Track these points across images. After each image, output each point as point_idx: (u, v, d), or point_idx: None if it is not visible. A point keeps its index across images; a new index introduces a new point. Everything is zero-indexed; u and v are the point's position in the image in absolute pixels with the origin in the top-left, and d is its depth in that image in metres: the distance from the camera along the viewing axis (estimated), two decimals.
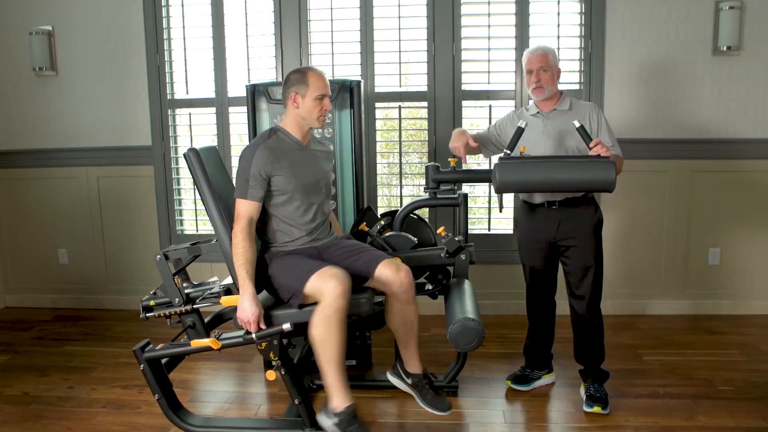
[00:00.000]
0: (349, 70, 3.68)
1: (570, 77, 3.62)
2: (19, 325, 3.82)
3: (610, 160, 2.28)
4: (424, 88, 3.67)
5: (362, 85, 3.02)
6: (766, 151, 3.57)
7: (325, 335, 2.10)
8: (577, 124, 2.34)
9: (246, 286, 2.12)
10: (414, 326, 2.35)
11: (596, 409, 2.52)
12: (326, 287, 2.08)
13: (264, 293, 2.29)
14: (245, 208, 2.19)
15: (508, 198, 3.65)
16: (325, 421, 2.17)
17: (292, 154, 2.28)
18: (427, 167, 2.68)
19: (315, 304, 2.12)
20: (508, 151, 2.43)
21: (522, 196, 2.69)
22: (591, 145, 2.32)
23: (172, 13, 3.78)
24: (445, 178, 2.68)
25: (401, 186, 3.75)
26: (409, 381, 2.36)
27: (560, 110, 2.54)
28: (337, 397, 2.15)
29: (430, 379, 2.44)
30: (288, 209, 2.28)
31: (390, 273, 2.24)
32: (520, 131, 2.44)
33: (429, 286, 2.70)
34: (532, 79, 2.52)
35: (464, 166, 2.82)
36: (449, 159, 2.70)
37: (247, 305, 2.11)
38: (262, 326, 2.13)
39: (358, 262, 2.28)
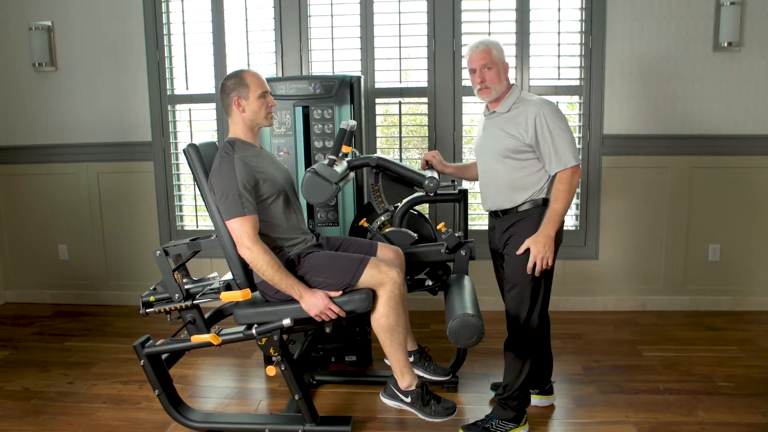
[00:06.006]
0: (350, 65, 3.67)
1: (570, 73, 3.62)
2: (19, 321, 3.82)
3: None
4: (425, 84, 3.67)
5: (362, 80, 3.01)
6: (766, 148, 3.56)
7: (394, 322, 2.17)
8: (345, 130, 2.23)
9: (298, 286, 2.12)
10: (407, 308, 2.36)
11: None
12: (387, 277, 2.14)
13: (256, 294, 2.29)
14: (248, 224, 2.10)
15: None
16: (393, 401, 2.28)
17: (259, 158, 2.24)
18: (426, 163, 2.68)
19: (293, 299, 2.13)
20: (333, 157, 2.32)
21: None
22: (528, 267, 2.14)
23: (171, 8, 3.77)
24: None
25: None
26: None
27: (499, 112, 2.30)
28: (409, 376, 2.25)
29: (425, 351, 2.53)
30: (277, 212, 2.24)
31: (390, 253, 2.35)
32: (342, 133, 2.38)
33: (429, 282, 2.70)
34: (476, 80, 2.28)
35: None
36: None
37: (313, 300, 2.11)
38: (335, 309, 2.13)
39: (360, 251, 2.35)
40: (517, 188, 2.27)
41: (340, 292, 2.15)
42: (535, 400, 2.61)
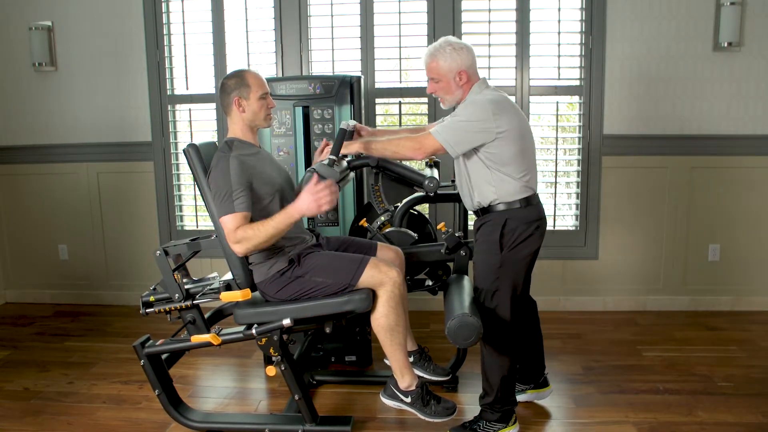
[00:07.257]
0: (350, 65, 3.67)
1: (570, 73, 3.62)
2: (19, 321, 3.82)
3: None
4: (424, 84, 3.64)
5: (362, 80, 3.02)
6: (766, 148, 3.56)
7: (394, 322, 2.17)
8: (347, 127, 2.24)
9: (287, 210, 2.09)
10: (407, 309, 2.35)
11: None
12: (387, 277, 2.14)
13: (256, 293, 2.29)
14: (239, 220, 2.07)
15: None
16: (393, 401, 2.28)
17: (257, 158, 2.24)
18: (426, 163, 2.68)
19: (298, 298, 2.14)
20: (334, 157, 2.28)
21: None
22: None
23: (171, 8, 3.77)
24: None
25: None
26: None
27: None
28: (409, 376, 2.25)
29: (425, 351, 2.52)
30: (275, 212, 2.19)
31: (390, 253, 2.36)
32: (342, 133, 2.35)
33: (429, 282, 2.70)
34: (429, 89, 2.31)
35: None
36: None
37: (304, 202, 2.07)
38: (327, 189, 2.07)
39: (360, 251, 2.35)
40: (474, 186, 2.26)
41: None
42: (532, 395, 2.62)
